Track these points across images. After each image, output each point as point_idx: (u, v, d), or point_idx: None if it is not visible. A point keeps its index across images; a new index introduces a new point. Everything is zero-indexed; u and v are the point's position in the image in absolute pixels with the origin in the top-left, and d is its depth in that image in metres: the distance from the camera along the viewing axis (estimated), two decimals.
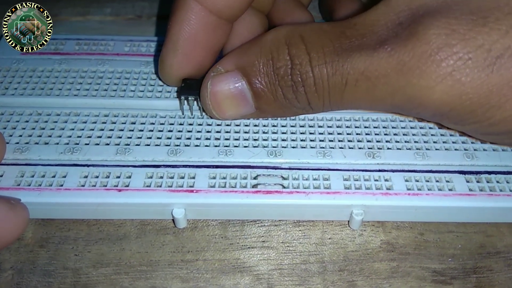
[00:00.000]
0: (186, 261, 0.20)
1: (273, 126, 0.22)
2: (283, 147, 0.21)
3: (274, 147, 0.21)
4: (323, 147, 0.21)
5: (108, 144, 0.21)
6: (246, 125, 0.22)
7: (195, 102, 0.22)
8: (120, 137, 0.21)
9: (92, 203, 0.19)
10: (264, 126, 0.22)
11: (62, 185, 0.19)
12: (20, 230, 0.18)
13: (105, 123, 0.22)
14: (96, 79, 0.24)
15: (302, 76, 0.18)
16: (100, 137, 0.21)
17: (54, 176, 0.20)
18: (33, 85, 0.24)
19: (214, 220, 0.21)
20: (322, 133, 0.22)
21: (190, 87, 0.21)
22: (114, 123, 0.22)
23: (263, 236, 0.20)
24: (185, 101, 0.22)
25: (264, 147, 0.21)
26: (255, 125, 0.22)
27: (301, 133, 0.22)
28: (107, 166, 0.20)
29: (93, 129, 0.22)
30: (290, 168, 0.20)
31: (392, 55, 0.17)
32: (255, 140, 0.21)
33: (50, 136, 0.21)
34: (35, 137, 0.21)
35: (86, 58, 0.25)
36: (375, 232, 0.21)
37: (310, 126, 0.22)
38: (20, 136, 0.21)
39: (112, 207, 0.19)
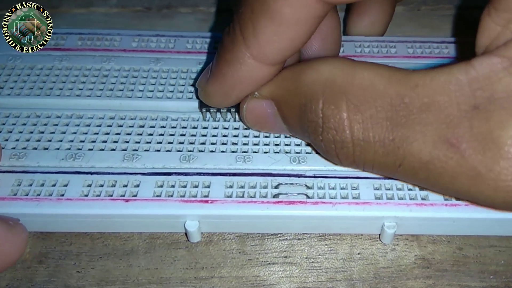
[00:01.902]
0: (200, 279, 0.19)
1: None
2: (307, 152, 0.20)
3: (297, 153, 0.20)
4: None
5: (114, 150, 0.21)
6: None
7: (218, 114, 0.22)
8: (127, 142, 0.21)
9: (96, 214, 0.19)
10: None
11: (63, 195, 0.19)
12: (19, 252, 0.18)
13: (110, 126, 0.21)
14: (100, 77, 0.23)
15: (337, 144, 0.17)
16: (105, 141, 0.21)
17: (54, 185, 0.19)
18: (31, 84, 0.23)
19: (231, 233, 0.20)
20: None
21: None
22: (121, 126, 0.21)
23: (285, 251, 0.20)
24: (207, 113, 0.22)
25: (287, 153, 0.20)
26: None
27: None
28: (113, 173, 0.20)
29: (97, 133, 0.21)
30: (315, 176, 0.20)
31: (465, 158, 0.15)
32: (276, 145, 0.21)
33: (50, 140, 0.21)
34: (34, 141, 0.21)
35: (89, 55, 0.25)
36: (409, 246, 0.20)
37: None
38: (17, 140, 0.21)
39: (118, 219, 0.19)
